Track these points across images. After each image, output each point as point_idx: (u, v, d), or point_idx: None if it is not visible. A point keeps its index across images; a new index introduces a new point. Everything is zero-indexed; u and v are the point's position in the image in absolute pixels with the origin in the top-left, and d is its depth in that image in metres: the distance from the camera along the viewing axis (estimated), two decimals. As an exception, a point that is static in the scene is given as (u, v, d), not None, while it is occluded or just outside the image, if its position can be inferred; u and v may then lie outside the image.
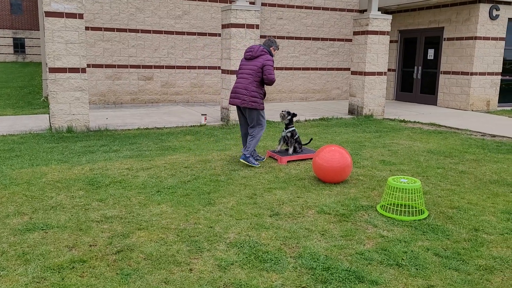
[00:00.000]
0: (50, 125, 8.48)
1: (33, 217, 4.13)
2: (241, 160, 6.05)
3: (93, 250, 3.48)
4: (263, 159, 6.41)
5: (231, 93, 6.13)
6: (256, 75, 5.94)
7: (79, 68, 8.35)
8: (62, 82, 8.27)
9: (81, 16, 8.23)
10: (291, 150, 6.55)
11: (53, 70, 8.18)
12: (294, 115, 6.64)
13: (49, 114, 8.72)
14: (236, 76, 6.24)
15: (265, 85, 6.09)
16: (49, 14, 7.99)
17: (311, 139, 7.14)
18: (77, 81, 8.38)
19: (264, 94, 6.14)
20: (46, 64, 8.31)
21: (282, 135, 6.65)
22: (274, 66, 14.29)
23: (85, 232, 3.82)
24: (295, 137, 6.56)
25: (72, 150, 6.93)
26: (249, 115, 6.07)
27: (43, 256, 3.36)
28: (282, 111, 6.58)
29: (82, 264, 3.25)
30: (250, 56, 6.04)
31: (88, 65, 12.15)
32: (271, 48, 6.17)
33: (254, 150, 6.28)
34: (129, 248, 3.53)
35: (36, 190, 4.94)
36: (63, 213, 4.26)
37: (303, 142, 7.17)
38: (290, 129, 6.55)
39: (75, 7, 8.16)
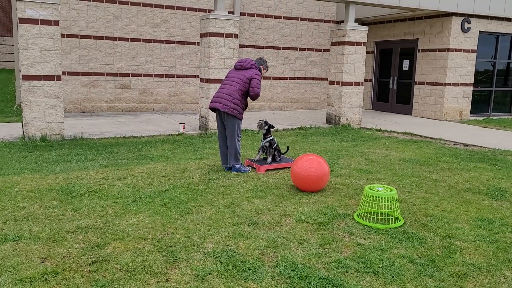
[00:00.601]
0: (23, 134, 8.30)
1: (4, 228, 4.02)
2: (234, 172, 6.21)
3: (66, 262, 3.40)
4: (248, 170, 6.39)
5: (213, 97, 6.15)
6: (243, 84, 6.04)
7: (54, 75, 8.21)
8: (36, 89, 8.12)
9: (56, 23, 8.12)
10: (269, 159, 6.56)
11: (27, 77, 8.02)
12: (272, 126, 6.66)
13: (22, 122, 8.54)
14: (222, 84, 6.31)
15: (250, 96, 6.15)
16: (23, 20, 7.86)
17: (288, 147, 7.18)
18: (52, 89, 8.23)
19: (246, 106, 6.22)
20: (20, 71, 8.14)
21: (261, 145, 6.66)
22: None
23: (58, 243, 3.73)
24: (273, 146, 6.59)
25: (46, 159, 6.79)
26: (228, 122, 6.10)
27: (14, 268, 3.27)
28: (260, 120, 6.60)
29: (55, 276, 3.18)
30: (241, 66, 6.18)
31: (64, 73, 11.97)
32: (261, 66, 6.39)
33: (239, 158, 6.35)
34: (104, 259, 3.46)
35: (7, 200, 4.80)
36: (35, 223, 4.16)
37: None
38: (268, 139, 6.57)
39: (51, 14, 8.04)
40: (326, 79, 15.59)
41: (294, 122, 11.72)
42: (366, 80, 15.58)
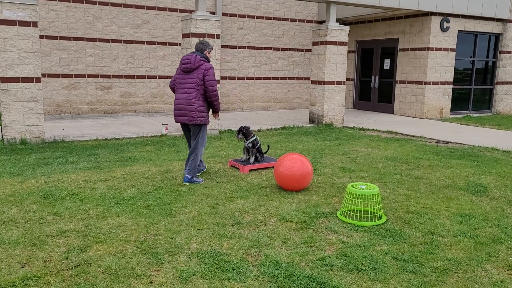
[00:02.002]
0: (2, 137, 8.13)
1: (-18, 233, 3.93)
2: (186, 184, 5.60)
3: (47, 266, 3.35)
4: (205, 168, 6.25)
5: (174, 110, 5.63)
6: (200, 88, 5.50)
7: (33, 77, 8.07)
8: (15, 92, 7.97)
9: (35, 24, 7.98)
10: (252, 159, 6.58)
11: (5, 79, 7.87)
12: (247, 128, 6.55)
13: (0, 125, 8.37)
14: (173, 91, 5.75)
15: (210, 104, 5.70)
16: (1, 22, 7.70)
17: (268, 147, 7.19)
18: (31, 91, 8.09)
19: (209, 107, 5.75)
20: (-2, 73, 7.99)
21: (244, 145, 6.66)
22: (237, 75, 14.37)
23: (39, 247, 3.66)
24: (256, 147, 6.60)
25: (25, 162, 6.67)
26: (195, 131, 5.68)
27: (-7, 274, 3.20)
28: (239, 135, 6.51)
29: (36, 281, 3.12)
30: (188, 68, 5.50)
31: (43, 75, 11.77)
32: (205, 53, 5.66)
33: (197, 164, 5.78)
34: (86, 262, 3.42)
35: (-14, 205, 4.70)
36: (15, 228, 4.08)
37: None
38: (251, 140, 6.55)
39: (29, 15, 7.90)
40: (308, 79, 15.67)
41: (277, 122, 11.74)
42: (348, 79, 15.71)
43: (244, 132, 6.51)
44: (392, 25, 13.90)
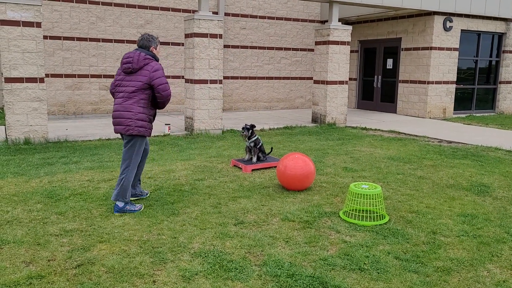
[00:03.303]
0: (6, 137, 8.17)
1: (-13, 233, 3.96)
2: (116, 213, 4.53)
3: (51, 265, 3.37)
4: (147, 194, 5.12)
5: (112, 117, 4.60)
6: (143, 92, 4.48)
7: (36, 78, 8.11)
8: (19, 92, 8.01)
9: (38, 24, 8.02)
10: (254, 159, 6.60)
11: (9, 80, 7.90)
12: (253, 126, 6.65)
13: (5, 125, 8.41)
14: (113, 95, 4.69)
15: (158, 104, 4.63)
16: (4, 22, 7.74)
17: (272, 148, 7.19)
18: (35, 91, 8.12)
19: (154, 116, 4.73)
20: (2, 74, 8.02)
21: (246, 145, 6.68)
22: (239, 75, 14.37)
23: (43, 247, 3.69)
24: (258, 146, 6.62)
25: (29, 162, 6.70)
26: (129, 142, 4.56)
27: (-3, 273, 3.22)
28: (243, 132, 6.54)
29: (40, 280, 3.14)
30: (130, 69, 4.49)
31: (47, 75, 11.81)
32: (151, 49, 4.63)
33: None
34: (89, 261, 3.44)
35: (-10, 204, 4.73)
36: (19, 227, 4.10)
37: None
38: (253, 139, 6.59)
39: (32, 16, 7.94)
40: (311, 78, 15.66)
41: (280, 122, 11.75)
42: (350, 79, 15.69)
43: (249, 129, 6.55)
44: (394, 25, 13.88)
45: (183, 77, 13.54)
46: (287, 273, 3.29)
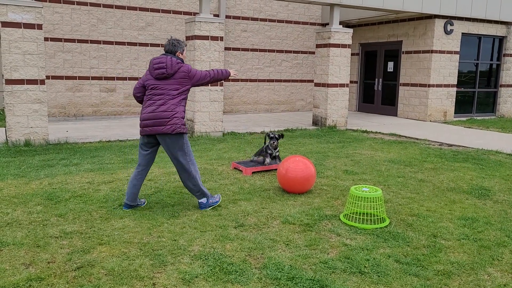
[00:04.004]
0: (7, 139, 8.17)
1: (-13, 235, 3.95)
2: (202, 210, 4.73)
3: (51, 267, 3.36)
4: (144, 203, 4.91)
5: (144, 120, 4.54)
6: (184, 93, 4.62)
7: (37, 79, 8.12)
8: (20, 94, 8.01)
9: (39, 26, 8.03)
10: (268, 160, 6.62)
11: (9, 81, 7.91)
12: (281, 135, 6.65)
13: (5, 127, 8.41)
14: (139, 99, 4.74)
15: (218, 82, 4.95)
16: (6, 24, 7.76)
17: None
18: (36, 93, 8.13)
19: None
20: (2, 75, 8.03)
21: (267, 151, 6.65)
22: (240, 77, 14.39)
23: (43, 249, 3.68)
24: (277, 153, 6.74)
25: (30, 164, 6.70)
26: (174, 145, 4.57)
27: (-3, 275, 3.22)
28: (274, 142, 6.52)
29: (40, 282, 3.13)
30: (164, 74, 4.51)
31: (48, 77, 11.83)
32: (178, 54, 4.70)
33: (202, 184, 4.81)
34: (89, 264, 3.43)
35: (-10, 206, 4.73)
36: (19, 229, 4.10)
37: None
38: (278, 148, 6.69)
39: (34, 17, 7.95)
40: (312, 81, 15.67)
41: (280, 124, 11.75)
42: (351, 82, 15.70)
43: (278, 139, 6.55)
44: (395, 28, 13.89)
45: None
46: (287, 276, 3.28)
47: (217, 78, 4.87)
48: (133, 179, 4.69)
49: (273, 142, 6.55)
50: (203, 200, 4.76)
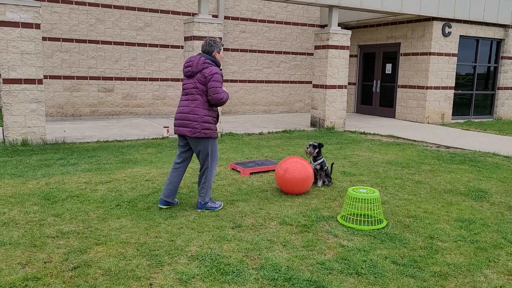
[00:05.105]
0: (4, 138, 8.16)
1: (-17, 234, 3.94)
2: (199, 210, 4.75)
3: (48, 267, 3.35)
4: (177, 202, 4.98)
5: (175, 119, 4.69)
6: (205, 94, 4.57)
7: (35, 79, 8.10)
8: (17, 93, 8.00)
9: (38, 26, 8.02)
10: (320, 183, 5.80)
11: (7, 81, 7.89)
12: (321, 145, 5.87)
13: (2, 126, 8.39)
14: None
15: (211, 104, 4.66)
16: (3, 23, 7.74)
17: (332, 164, 6.35)
18: (33, 93, 8.12)
19: (218, 116, 4.79)
20: (0, 75, 8.01)
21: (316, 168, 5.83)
22: (239, 78, 14.39)
23: (39, 249, 3.67)
24: (324, 169, 5.83)
25: (27, 163, 6.68)
26: (198, 147, 4.64)
27: (-7, 275, 3.21)
28: (307, 148, 5.77)
29: (36, 282, 3.13)
30: (190, 72, 4.59)
31: (45, 76, 11.81)
32: (214, 54, 4.68)
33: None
34: (86, 264, 3.42)
35: (-13, 205, 4.71)
36: (16, 229, 4.09)
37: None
38: (319, 161, 5.79)
39: (32, 17, 7.94)
40: (310, 82, 15.68)
41: (278, 126, 11.75)
42: (349, 83, 15.72)
43: (317, 147, 5.79)
44: (394, 30, 13.92)
45: (182, 79, 13.54)
46: (284, 277, 3.28)
47: (217, 104, 4.62)
48: (169, 176, 4.80)
49: (306, 148, 5.84)
50: (203, 200, 4.77)
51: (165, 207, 4.79)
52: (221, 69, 4.64)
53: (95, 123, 11.42)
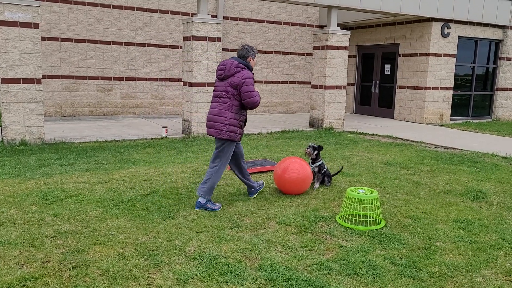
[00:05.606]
0: (2, 138, 8.14)
1: (-19, 234, 3.93)
2: (197, 210, 4.80)
3: (46, 267, 3.35)
4: (262, 183, 5.46)
5: (207, 121, 4.92)
6: (234, 97, 4.72)
7: (34, 79, 8.09)
8: (16, 93, 7.98)
9: (36, 25, 8.01)
10: (317, 185, 5.78)
11: (5, 80, 7.88)
12: (321, 148, 5.88)
13: (0, 126, 8.38)
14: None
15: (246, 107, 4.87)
16: (2, 23, 7.73)
17: (341, 168, 6.34)
18: (32, 92, 8.11)
19: (246, 120, 4.96)
20: (-1, 74, 8.01)
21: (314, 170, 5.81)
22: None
23: (37, 249, 3.66)
24: (322, 171, 5.82)
25: (25, 163, 6.67)
26: (220, 146, 4.87)
27: (-9, 275, 3.20)
28: (307, 148, 5.80)
29: (34, 282, 3.12)
30: (222, 75, 4.77)
31: (44, 76, 11.80)
32: (249, 59, 4.88)
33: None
34: (84, 264, 3.42)
35: (-15, 205, 4.70)
36: (14, 229, 4.08)
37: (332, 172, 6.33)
38: (318, 164, 5.78)
39: (30, 17, 7.93)
40: (309, 83, 15.68)
41: (277, 126, 11.75)
42: (348, 84, 15.73)
43: (316, 149, 5.80)
44: (393, 30, 13.93)
45: (181, 80, 13.54)
46: (282, 277, 3.27)
47: (251, 107, 4.81)
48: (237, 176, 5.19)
49: (307, 148, 5.83)
50: (202, 200, 4.78)
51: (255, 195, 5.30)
52: (253, 73, 4.86)
53: (94, 123, 11.41)
